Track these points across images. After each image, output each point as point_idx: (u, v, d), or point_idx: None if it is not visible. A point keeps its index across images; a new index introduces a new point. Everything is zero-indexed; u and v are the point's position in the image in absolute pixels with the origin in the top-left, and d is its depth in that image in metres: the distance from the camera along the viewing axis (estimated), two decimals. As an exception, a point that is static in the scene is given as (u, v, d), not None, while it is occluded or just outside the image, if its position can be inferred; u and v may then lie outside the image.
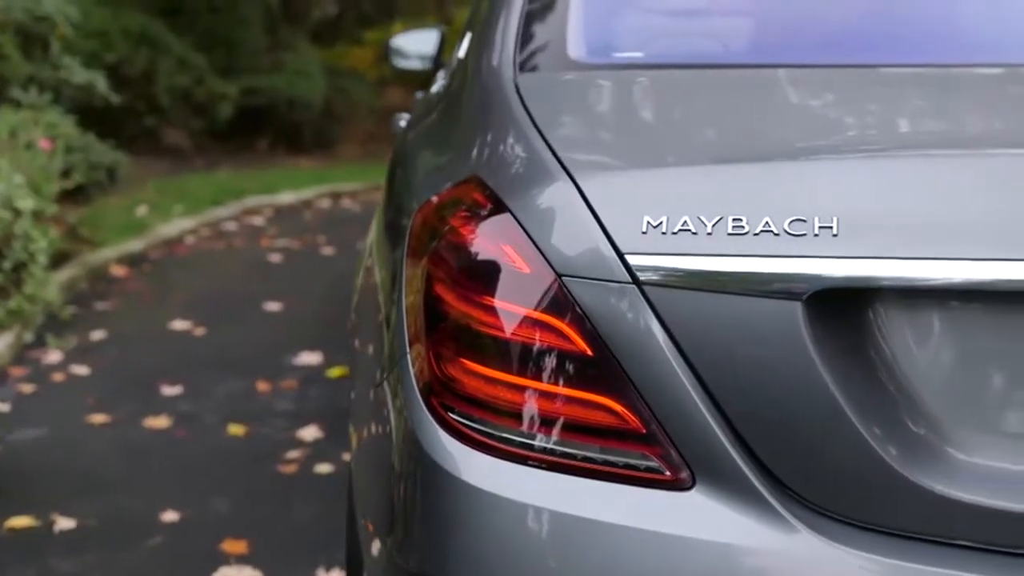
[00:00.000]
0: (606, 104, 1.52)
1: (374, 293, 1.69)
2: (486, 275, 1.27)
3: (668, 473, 1.21)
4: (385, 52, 4.01)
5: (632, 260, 1.19)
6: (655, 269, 1.18)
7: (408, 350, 1.36)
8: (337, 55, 14.56)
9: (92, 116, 7.45)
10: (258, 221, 7.65)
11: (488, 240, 1.28)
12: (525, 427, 1.24)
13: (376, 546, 1.42)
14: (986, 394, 1.17)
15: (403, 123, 2.99)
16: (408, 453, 1.32)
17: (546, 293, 1.23)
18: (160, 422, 3.55)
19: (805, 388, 1.16)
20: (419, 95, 3.31)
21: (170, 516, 2.87)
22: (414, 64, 3.89)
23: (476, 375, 1.26)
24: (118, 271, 5.68)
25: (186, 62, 10.70)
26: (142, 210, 6.91)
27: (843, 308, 1.17)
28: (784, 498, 1.18)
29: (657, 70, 1.63)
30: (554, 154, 1.30)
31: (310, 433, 3.44)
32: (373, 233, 2.03)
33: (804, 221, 1.16)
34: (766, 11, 1.83)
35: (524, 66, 1.64)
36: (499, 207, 1.29)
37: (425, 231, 1.41)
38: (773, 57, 1.65)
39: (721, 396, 1.18)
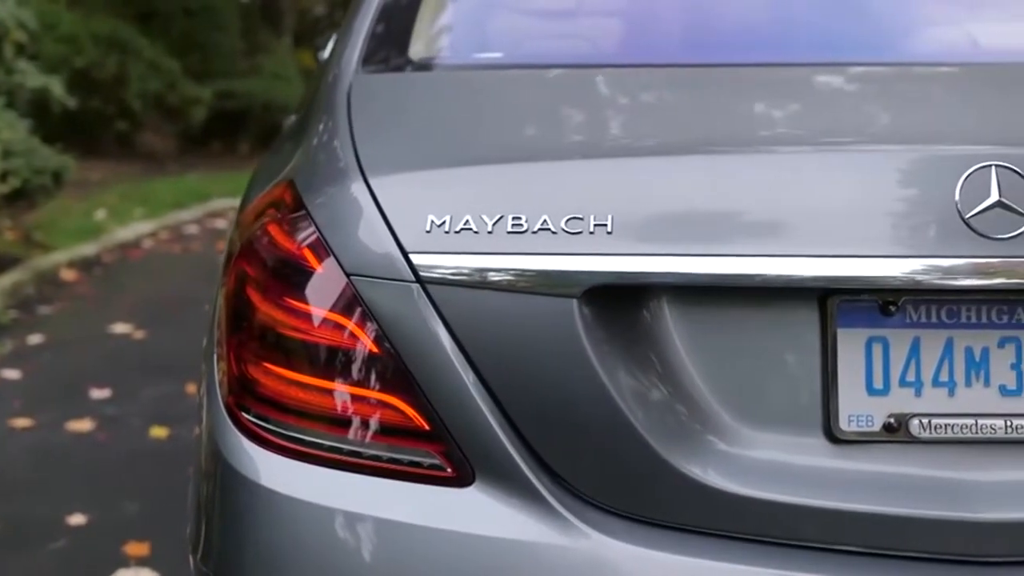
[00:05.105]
0: (424, 105, 1.51)
1: (215, 290, 1.68)
2: (284, 275, 1.27)
3: (450, 470, 1.20)
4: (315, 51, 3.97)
5: (416, 259, 1.19)
6: (437, 268, 1.18)
7: (215, 348, 1.36)
8: (322, 58, 14.55)
9: (60, 121, 7.44)
10: (220, 224, 7.65)
11: (287, 240, 1.28)
12: (315, 427, 1.24)
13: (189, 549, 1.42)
14: (755, 388, 1.17)
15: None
16: (208, 454, 1.32)
17: (337, 293, 1.23)
18: (83, 425, 3.54)
19: (581, 384, 1.15)
20: None
21: (77, 519, 2.86)
22: None
23: (270, 374, 1.26)
24: (68, 275, 5.68)
25: (158, 66, 10.69)
26: (101, 214, 6.91)
27: (618, 304, 1.17)
28: (563, 494, 1.18)
29: (489, 71, 1.62)
30: (356, 155, 1.30)
31: (232, 436, 3.43)
32: None
33: (580, 219, 1.16)
34: (616, 13, 1.83)
35: (366, 66, 1.63)
36: (299, 208, 1.29)
37: (245, 229, 1.41)
38: (607, 58, 1.64)
39: (501, 393, 1.18)
